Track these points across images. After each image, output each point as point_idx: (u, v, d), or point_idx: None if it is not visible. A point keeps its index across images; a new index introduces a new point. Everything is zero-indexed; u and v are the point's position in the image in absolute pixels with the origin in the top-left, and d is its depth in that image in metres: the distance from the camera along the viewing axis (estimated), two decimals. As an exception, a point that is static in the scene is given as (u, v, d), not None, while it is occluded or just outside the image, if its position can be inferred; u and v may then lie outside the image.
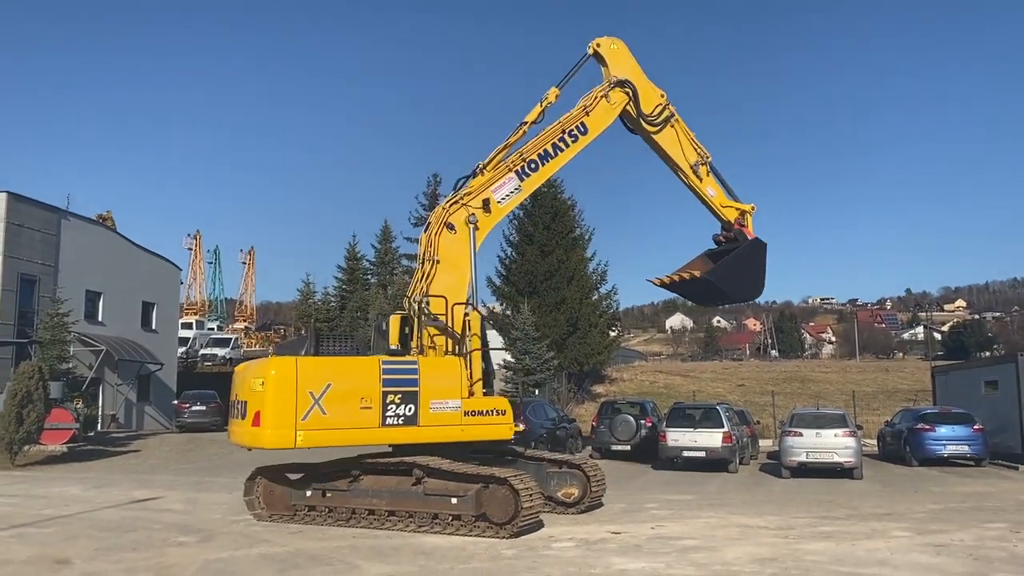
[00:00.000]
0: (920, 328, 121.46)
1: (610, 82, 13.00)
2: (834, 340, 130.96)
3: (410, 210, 48.46)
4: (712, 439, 19.72)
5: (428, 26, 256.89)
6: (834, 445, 18.42)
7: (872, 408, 41.01)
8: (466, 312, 11.48)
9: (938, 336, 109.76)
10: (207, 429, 31.12)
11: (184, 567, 8.12)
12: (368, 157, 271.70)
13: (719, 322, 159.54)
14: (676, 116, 13.49)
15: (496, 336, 34.78)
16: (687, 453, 19.86)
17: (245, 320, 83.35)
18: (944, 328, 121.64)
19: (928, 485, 17.24)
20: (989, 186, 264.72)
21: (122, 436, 28.80)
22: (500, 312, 41.06)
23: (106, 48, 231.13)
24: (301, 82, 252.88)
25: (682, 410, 21.37)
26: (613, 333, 48.25)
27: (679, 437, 19.95)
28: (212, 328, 66.37)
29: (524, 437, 13.35)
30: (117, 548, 9.13)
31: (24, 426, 19.90)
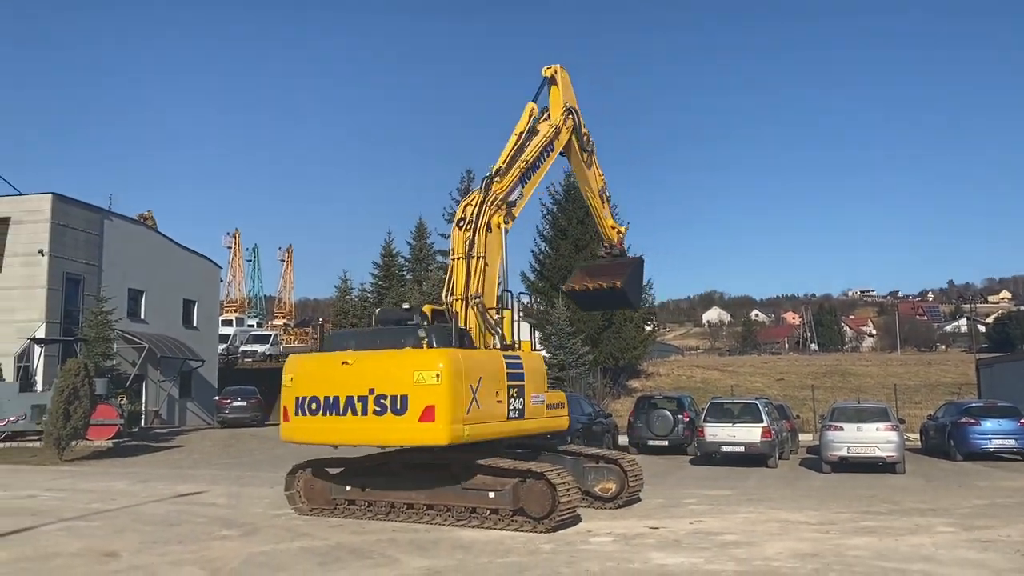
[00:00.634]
0: (963, 320, 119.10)
1: (565, 106, 13.81)
2: (875, 333, 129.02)
3: (444, 206, 48.72)
4: (751, 434, 19.52)
5: (459, 25, 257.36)
6: (876, 439, 18.13)
7: (914, 402, 40.39)
8: (500, 309, 11.80)
9: (982, 328, 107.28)
10: (248, 425, 31.65)
11: (228, 560, 8.26)
12: (403, 152, 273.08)
13: (757, 315, 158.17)
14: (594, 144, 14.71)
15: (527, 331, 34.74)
16: (725, 448, 19.68)
17: (284, 317, 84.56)
18: (988, 320, 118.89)
19: (973, 480, 16.90)
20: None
21: (165, 432, 29.33)
22: (534, 307, 41.03)
23: (151, 49, 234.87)
24: (336, 79, 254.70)
25: (720, 405, 21.20)
26: (649, 327, 48.01)
27: (717, 432, 19.79)
28: (252, 325, 67.35)
29: (559, 432, 13.39)
30: (163, 541, 9.32)
31: (71, 422, 20.32)
